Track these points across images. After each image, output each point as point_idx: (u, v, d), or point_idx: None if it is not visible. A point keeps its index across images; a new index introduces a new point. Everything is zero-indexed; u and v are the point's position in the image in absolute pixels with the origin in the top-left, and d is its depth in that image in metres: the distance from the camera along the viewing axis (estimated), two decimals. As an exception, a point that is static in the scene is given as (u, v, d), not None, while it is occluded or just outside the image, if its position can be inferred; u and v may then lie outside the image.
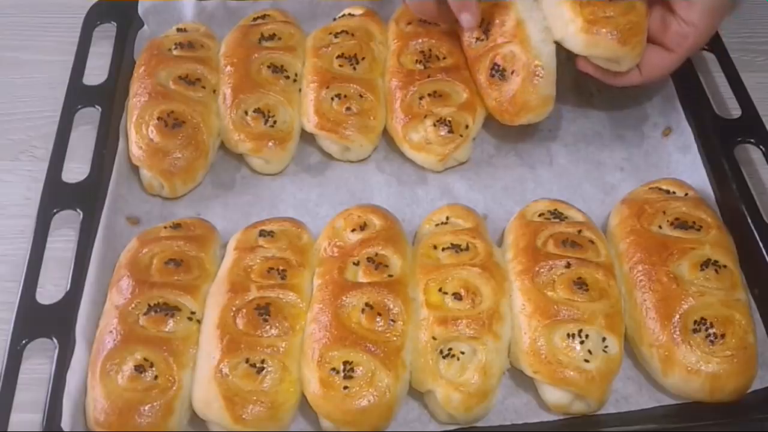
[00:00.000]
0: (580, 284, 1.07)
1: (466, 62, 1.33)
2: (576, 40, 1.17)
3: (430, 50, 1.33)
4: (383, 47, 1.38)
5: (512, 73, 1.24)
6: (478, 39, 1.30)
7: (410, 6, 1.31)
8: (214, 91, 1.32)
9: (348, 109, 1.29)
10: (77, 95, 1.34)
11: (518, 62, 1.23)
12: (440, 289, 1.09)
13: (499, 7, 1.27)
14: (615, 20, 1.16)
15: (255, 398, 1.01)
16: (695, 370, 1.03)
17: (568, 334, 1.05)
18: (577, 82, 1.40)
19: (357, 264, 1.12)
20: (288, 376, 1.04)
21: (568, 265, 1.09)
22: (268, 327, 1.06)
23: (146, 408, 1.01)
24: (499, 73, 1.26)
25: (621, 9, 1.16)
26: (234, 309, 1.07)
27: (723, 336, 1.04)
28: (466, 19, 1.26)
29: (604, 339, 1.05)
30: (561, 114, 1.37)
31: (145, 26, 1.44)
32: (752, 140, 1.28)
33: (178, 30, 1.42)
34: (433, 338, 1.05)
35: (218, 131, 1.30)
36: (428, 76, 1.30)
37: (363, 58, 1.33)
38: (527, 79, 1.22)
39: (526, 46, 1.22)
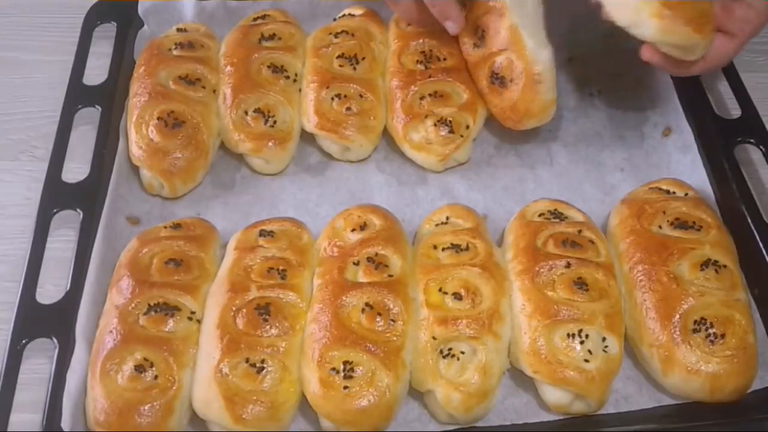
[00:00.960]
0: (580, 284, 1.07)
1: (467, 63, 1.33)
2: (649, 25, 1.10)
3: (431, 51, 1.34)
4: (383, 47, 1.38)
5: (511, 81, 1.24)
6: (475, 45, 1.30)
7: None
8: (214, 91, 1.32)
9: (348, 109, 1.29)
10: (77, 95, 1.34)
11: (516, 70, 1.23)
12: (440, 289, 1.09)
13: (493, 15, 1.25)
14: (690, 6, 1.10)
15: (255, 398, 1.01)
16: (695, 370, 1.03)
17: (568, 334, 1.05)
18: (578, 83, 1.41)
19: (357, 264, 1.12)
20: (288, 376, 1.04)
21: (568, 265, 1.09)
22: (268, 327, 1.05)
23: (146, 408, 1.00)
24: (498, 80, 1.26)
25: None
26: (234, 309, 1.07)
27: (723, 336, 1.04)
28: (450, 26, 1.27)
29: (604, 339, 1.05)
30: (561, 114, 1.37)
31: (145, 26, 1.44)
32: (752, 140, 1.28)
33: (178, 30, 1.41)
34: (433, 338, 1.05)
35: (218, 131, 1.30)
36: (429, 77, 1.30)
37: (363, 58, 1.33)
38: (527, 86, 1.22)
39: (522, 54, 1.22)
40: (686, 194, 1.21)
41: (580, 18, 1.43)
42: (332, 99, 1.30)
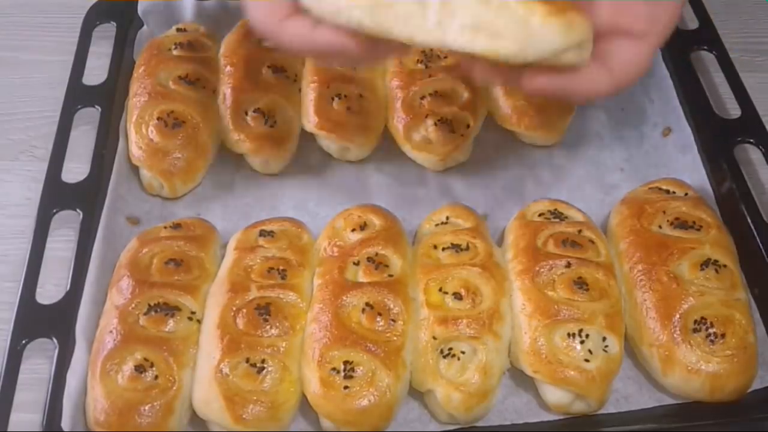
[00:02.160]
0: (581, 284, 1.07)
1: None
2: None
3: (431, 50, 1.33)
4: (383, 47, 1.38)
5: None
6: None
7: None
8: (214, 91, 1.32)
9: (348, 109, 1.29)
10: (77, 95, 1.34)
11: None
12: (440, 289, 1.09)
13: None
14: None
15: (255, 398, 1.01)
16: (695, 369, 1.03)
17: (569, 334, 1.05)
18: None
19: (357, 264, 1.12)
20: (288, 375, 1.04)
21: (569, 265, 1.09)
22: (268, 327, 1.05)
23: (146, 408, 1.00)
24: None
25: None
26: (234, 309, 1.07)
27: (723, 336, 1.04)
28: None
29: (604, 339, 1.05)
30: (561, 114, 1.37)
31: (145, 26, 1.44)
32: (752, 140, 1.28)
33: (178, 30, 1.41)
34: (434, 338, 1.05)
35: (218, 131, 1.30)
36: (429, 76, 1.30)
37: (363, 58, 1.34)
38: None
39: None
40: (686, 194, 1.21)
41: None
42: (332, 99, 1.30)
